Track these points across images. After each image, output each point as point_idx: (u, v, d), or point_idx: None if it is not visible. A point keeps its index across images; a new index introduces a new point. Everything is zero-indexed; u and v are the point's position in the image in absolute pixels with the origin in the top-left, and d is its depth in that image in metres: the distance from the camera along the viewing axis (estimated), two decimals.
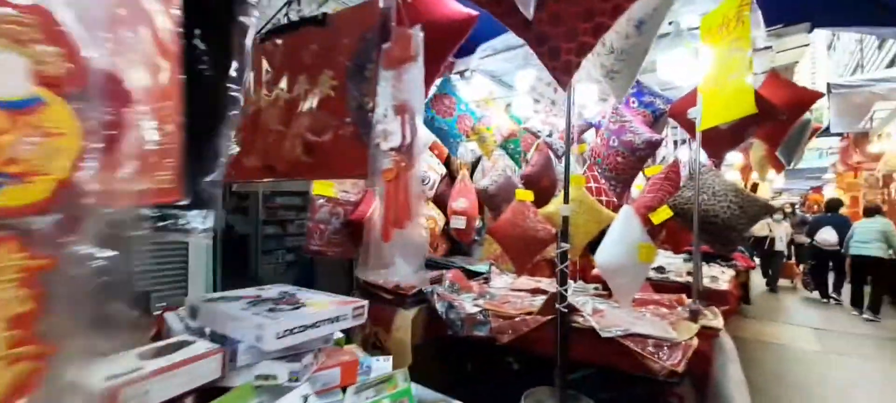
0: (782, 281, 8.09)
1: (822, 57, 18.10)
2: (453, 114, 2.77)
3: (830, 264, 6.90)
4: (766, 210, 2.07)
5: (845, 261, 6.45)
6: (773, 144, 2.50)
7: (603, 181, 2.52)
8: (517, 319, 2.27)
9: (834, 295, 6.81)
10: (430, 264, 3.44)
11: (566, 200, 2.10)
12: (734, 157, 5.60)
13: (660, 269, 3.86)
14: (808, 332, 5.22)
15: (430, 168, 3.48)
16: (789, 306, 6.68)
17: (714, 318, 2.09)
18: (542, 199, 2.82)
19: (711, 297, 2.86)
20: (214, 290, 5.70)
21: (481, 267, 3.36)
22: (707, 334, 2.02)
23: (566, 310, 2.07)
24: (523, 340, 2.22)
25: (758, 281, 8.04)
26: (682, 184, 2.44)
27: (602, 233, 2.33)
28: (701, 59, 2.13)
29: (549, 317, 2.15)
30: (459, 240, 3.27)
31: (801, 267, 8.17)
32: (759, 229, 7.57)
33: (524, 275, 3.22)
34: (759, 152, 3.86)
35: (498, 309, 2.39)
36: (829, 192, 10.41)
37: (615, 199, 2.60)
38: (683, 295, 2.61)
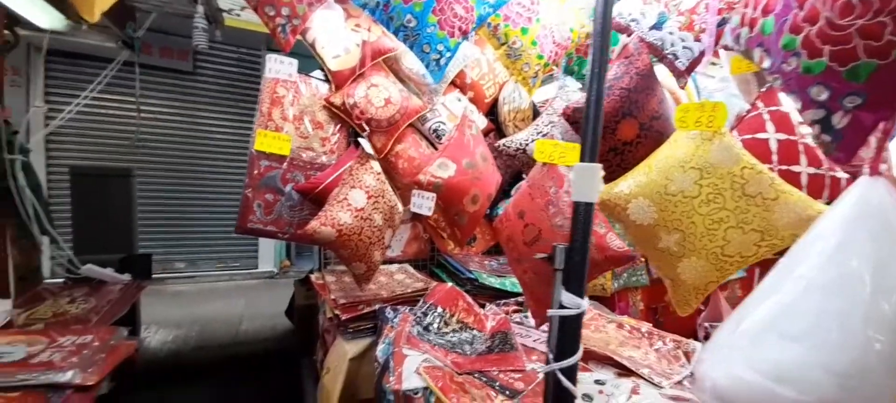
0: None
1: None
2: None
3: None
4: None
5: None
6: None
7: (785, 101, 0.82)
8: None
9: None
10: (444, 268, 2.15)
11: (585, 156, 0.62)
12: None
13: None
14: None
15: (451, 116, 2.15)
16: None
17: None
18: (621, 162, 1.22)
19: None
20: None
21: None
22: None
23: None
24: None
25: None
26: None
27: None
28: None
29: None
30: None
31: None
32: None
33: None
34: None
35: (449, 390, 0.98)
36: None
37: (828, 168, 0.85)
38: None
